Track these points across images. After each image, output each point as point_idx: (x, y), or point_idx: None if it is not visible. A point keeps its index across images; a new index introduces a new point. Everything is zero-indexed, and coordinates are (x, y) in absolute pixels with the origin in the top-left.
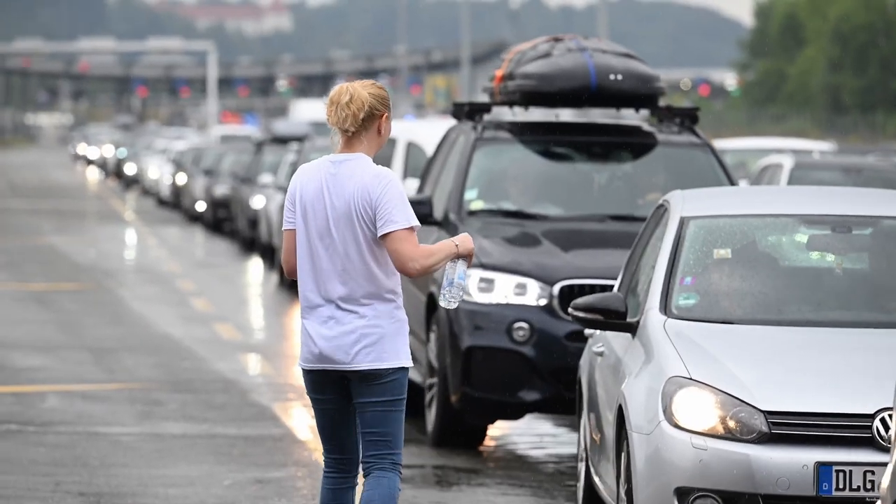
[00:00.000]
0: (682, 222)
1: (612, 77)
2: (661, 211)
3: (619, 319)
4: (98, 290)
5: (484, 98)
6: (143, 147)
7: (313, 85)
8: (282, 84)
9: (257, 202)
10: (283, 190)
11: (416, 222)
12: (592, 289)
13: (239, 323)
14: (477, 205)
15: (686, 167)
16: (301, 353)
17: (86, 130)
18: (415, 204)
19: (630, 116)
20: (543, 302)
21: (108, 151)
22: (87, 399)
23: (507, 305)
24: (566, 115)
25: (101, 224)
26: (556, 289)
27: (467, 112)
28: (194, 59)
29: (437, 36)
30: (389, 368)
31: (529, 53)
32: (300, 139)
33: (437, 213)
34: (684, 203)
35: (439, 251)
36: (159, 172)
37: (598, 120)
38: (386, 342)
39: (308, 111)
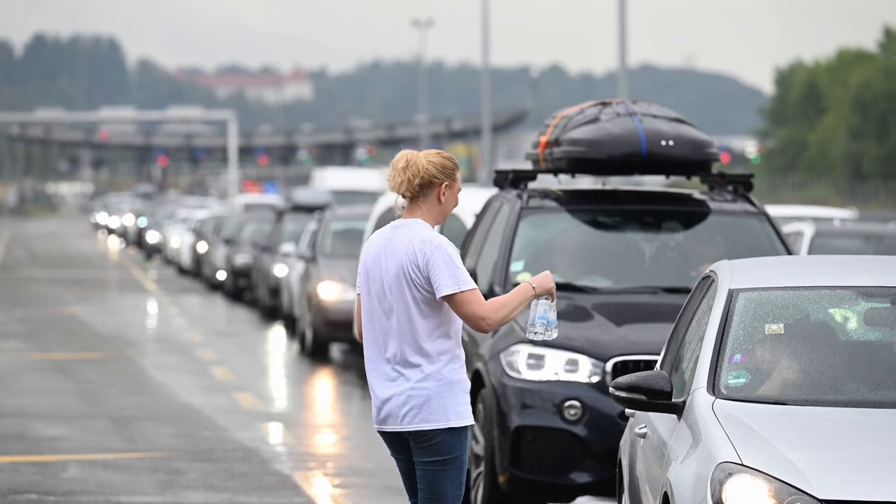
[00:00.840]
0: (731, 295)
1: (663, 143)
2: (708, 282)
3: (663, 400)
4: (119, 360)
5: (520, 165)
6: (166, 216)
7: (334, 154)
8: (302, 153)
9: (279, 271)
10: (304, 259)
11: (468, 285)
12: (647, 365)
13: (259, 392)
14: (523, 277)
15: (741, 237)
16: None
17: (106, 199)
18: None
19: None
20: (596, 379)
21: (129, 220)
22: (108, 468)
23: (558, 382)
24: (613, 182)
25: (122, 293)
26: (609, 365)
27: (511, 180)
28: (215, 128)
29: (458, 104)
30: (436, 430)
31: (576, 118)
32: (321, 208)
33: (482, 286)
34: (732, 274)
35: (512, 300)
36: (180, 241)
37: (648, 188)
38: (432, 403)
39: (331, 180)
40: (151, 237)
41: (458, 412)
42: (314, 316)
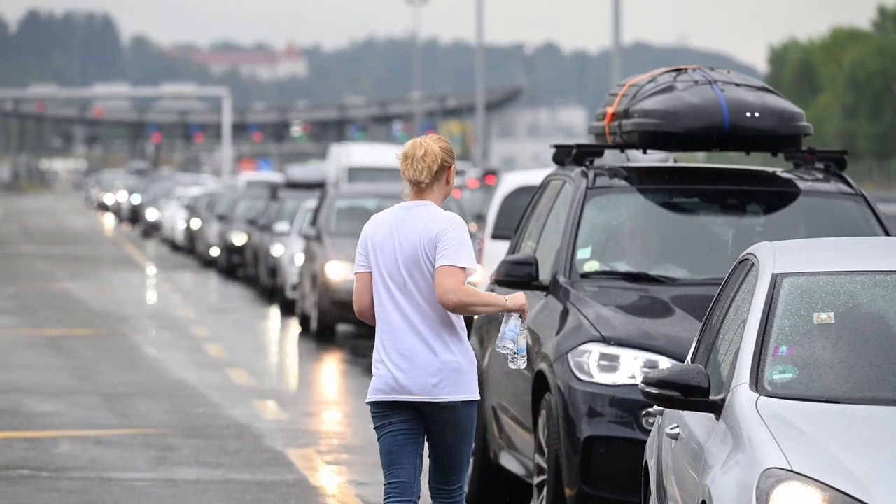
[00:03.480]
0: (775, 280)
1: (748, 115)
2: (746, 266)
3: (700, 397)
4: (112, 336)
5: (518, 143)
6: (162, 194)
7: (328, 130)
8: (296, 130)
9: (277, 250)
10: (308, 238)
11: (472, 265)
12: None
13: (252, 369)
14: (591, 266)
15: (834, 220)
16: (372, 386)
17: (100, 176)
18: (517, 264)
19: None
20: None
21: (122, 197)
22: (100, 444)
23: (635, 387)
24: (683, 159)
25: (115, 269)
26: None
27: (574, 156)
28: (209, 105)
29: (452, 82)
30: (464, 401)
31: (648, 87)
32: (316, 185)
33: (544, 276)
34: (776, 257)
35: (484, 298)
36: (174, 218)
37: (728, 165)
38: (463, 376)
39: (354, 156)
40: (150, 215)
41: (476, 386)
42: (320, 296)
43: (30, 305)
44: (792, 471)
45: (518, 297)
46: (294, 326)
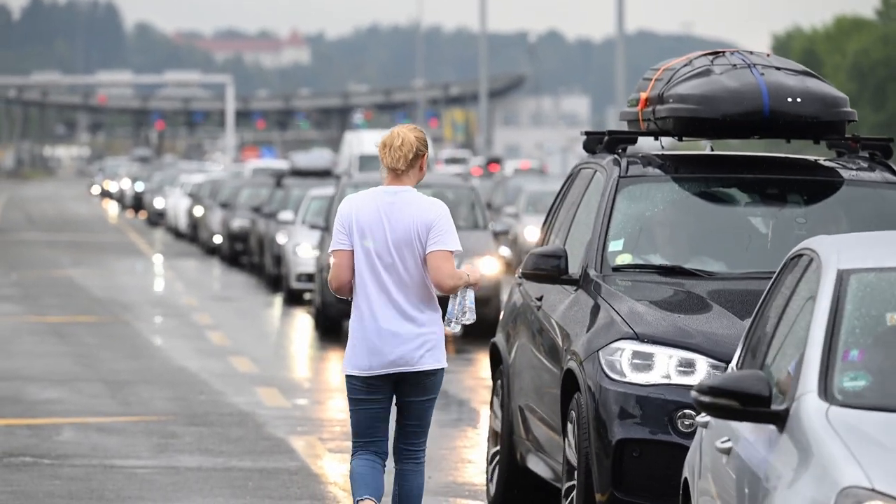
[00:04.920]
0: (841, 277)
1: (789, 100)
2: (804, 262)
3: (761, 407)
4: (115, 323)
5: (523, 131)
6: (168, 182)
7: (331, 118)
8: (300, 117)
9: (282, 239)
10: (318, 228)
11: (458, 247)
12: None
13: (255, 356)
14: (623, 259)
15: (880, 211)
16: (353, 361)
17: (103, 163)
18: (545, 257)
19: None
20: None
21: (126, 184)
22: (102, 432)
23: (670, 387)
24: (718, 147)
25: (118, 257)
26: (733, 366)
27: (606, 143)
28: (212, 92)
29: (456, 69)
30: (440, 369)
31: (683, 71)
32: (322, 173)
33: (574, 269)
34: (840, 252)
35: (465, 279)
36: (177, 205)
37: (767, 153)
38: (440, 346)
39: (368, 144)
40: (158, 203)
41: (445, 356)
42: (324, 290)
43: (33, 292)
44: (874, 490)
45: (474, 272)
46: (299, 315)
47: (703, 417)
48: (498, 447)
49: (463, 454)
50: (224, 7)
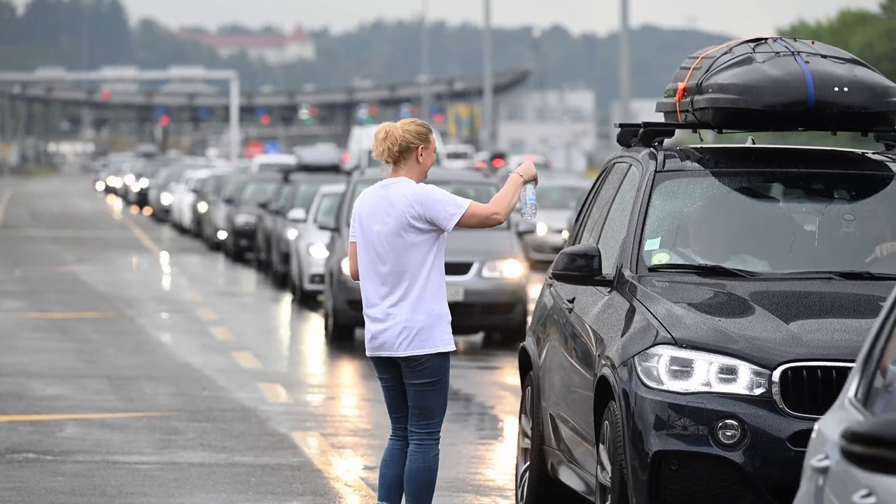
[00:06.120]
0: None
1: (836, 89)
2: None
3: None
4: (118, 319)
5: (526, 126)
6: (174, 178)
7: (335, 114)
8: (304, 113)
9: (291, 235)
10: (328, 229)
11: (465, 202)
12: (827, 374)
13: (258, 352)
14: (660, 258)
15: None
16: (366, 342)
17: (107, 159)
18: (577, 257)
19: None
20: (759, 391)
21: (130, 180)
22: (105, 428)
23: (710, 396)
24: (761, 139)
25: (122, 253)
26: (777, 374)
27: (641, 136)
28: (216, 88)
29: (460, 65)
30: (426, 354)
31: (723, 59)
32: (329, 168)
33: (608, 269)
34: None
35: (508, 191)
36: (181, 201)
37: (812, 146)
38: (423, 333)
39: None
40: (164, 199)
41: (444, 339)
42: (335, 295)
43: (37, 288)
44: None
45: (529, 167)
46: (307, 314)
47: (820, 460)
48: (528, 459)
49: (488, 463)
50: (228, 3)
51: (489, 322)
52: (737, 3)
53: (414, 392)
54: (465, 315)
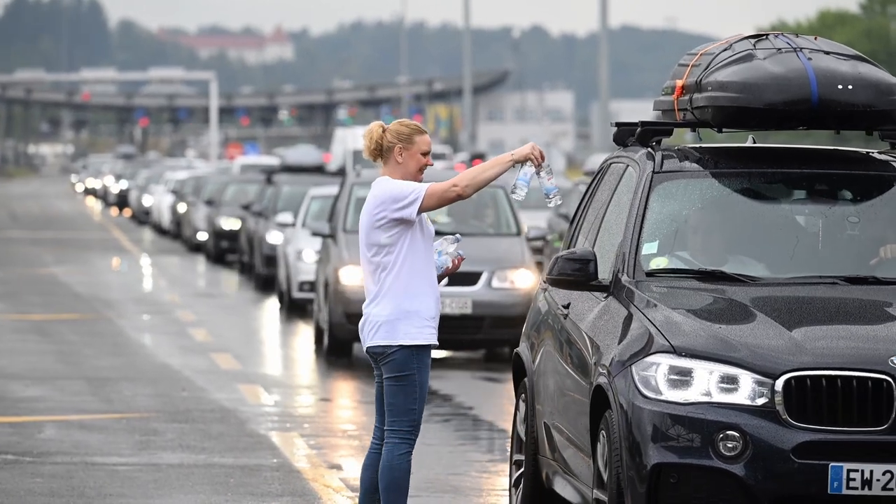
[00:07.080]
0: None
1: (840, 87)
2: None
3: None
4: (98, 321)
5: (514, 126)
6: (154, 179)
7: (315, 114)
8: (283, 113)
9: (274, 238)
10: (321, 235)
11: (422, 187)
12: (832, 384)
13: (237, 353)
14: (658, 263)
15: None
16: None
17: (87, 161)
18: (572, 261)
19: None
20: (762, 401)
21: (109, 182)
22: (84, 429)
23: (711, 406)
24: (760, 139)
25: (102, 254)
26: (780, 383)
27: (638, 135)
28: (196, 89)
29: (440, 65)
30: (390, 346)
31: (723, 56)
32: (313, 169)
33: (604, 274)
34: None
35: (483, 166)
36: (159, 202)
37: (814, 146)
38: (387, 325)
39: (361, 139)
40: (145, 201)
41: (409, 333)
42: (332, 307)
43: (16, 290)
44: None
45: (524, 149)
46: (289, 318)
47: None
48: (521, 468)
49: (487, 478)
50: (208, 4)
51: (499, 336)
52: (717, 3)
53: (386, 387)
54: (473, 329)
